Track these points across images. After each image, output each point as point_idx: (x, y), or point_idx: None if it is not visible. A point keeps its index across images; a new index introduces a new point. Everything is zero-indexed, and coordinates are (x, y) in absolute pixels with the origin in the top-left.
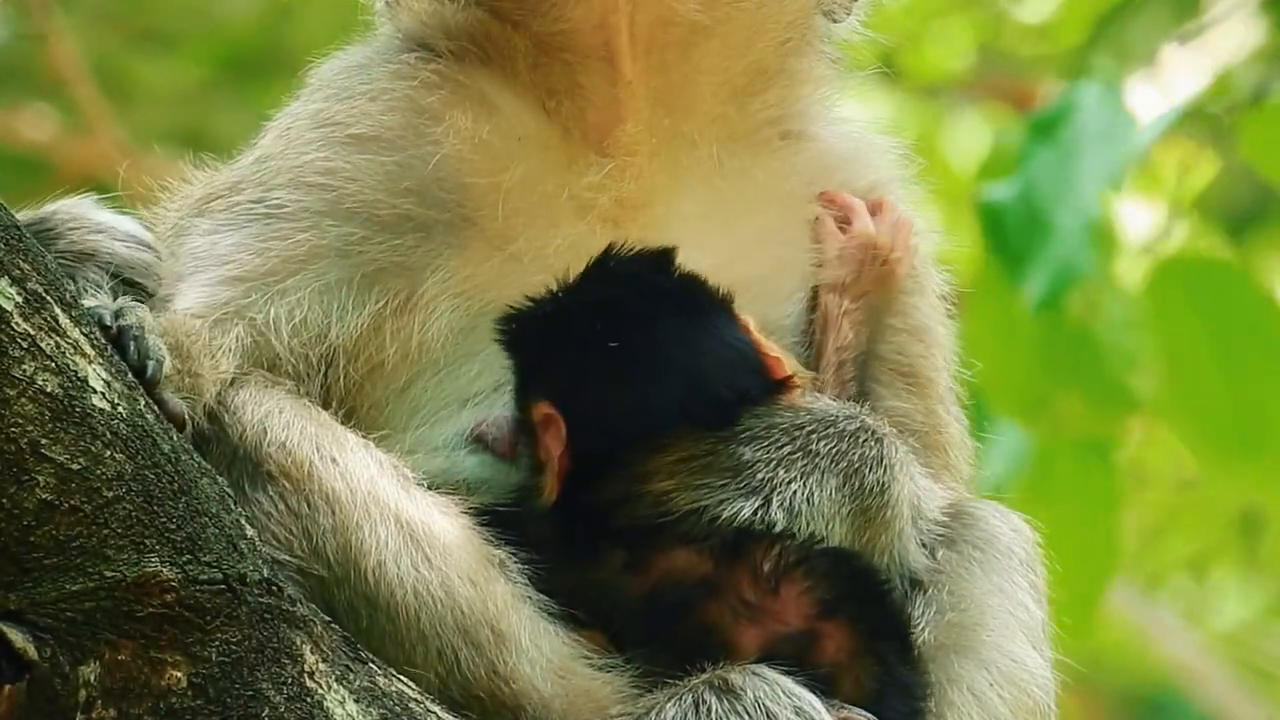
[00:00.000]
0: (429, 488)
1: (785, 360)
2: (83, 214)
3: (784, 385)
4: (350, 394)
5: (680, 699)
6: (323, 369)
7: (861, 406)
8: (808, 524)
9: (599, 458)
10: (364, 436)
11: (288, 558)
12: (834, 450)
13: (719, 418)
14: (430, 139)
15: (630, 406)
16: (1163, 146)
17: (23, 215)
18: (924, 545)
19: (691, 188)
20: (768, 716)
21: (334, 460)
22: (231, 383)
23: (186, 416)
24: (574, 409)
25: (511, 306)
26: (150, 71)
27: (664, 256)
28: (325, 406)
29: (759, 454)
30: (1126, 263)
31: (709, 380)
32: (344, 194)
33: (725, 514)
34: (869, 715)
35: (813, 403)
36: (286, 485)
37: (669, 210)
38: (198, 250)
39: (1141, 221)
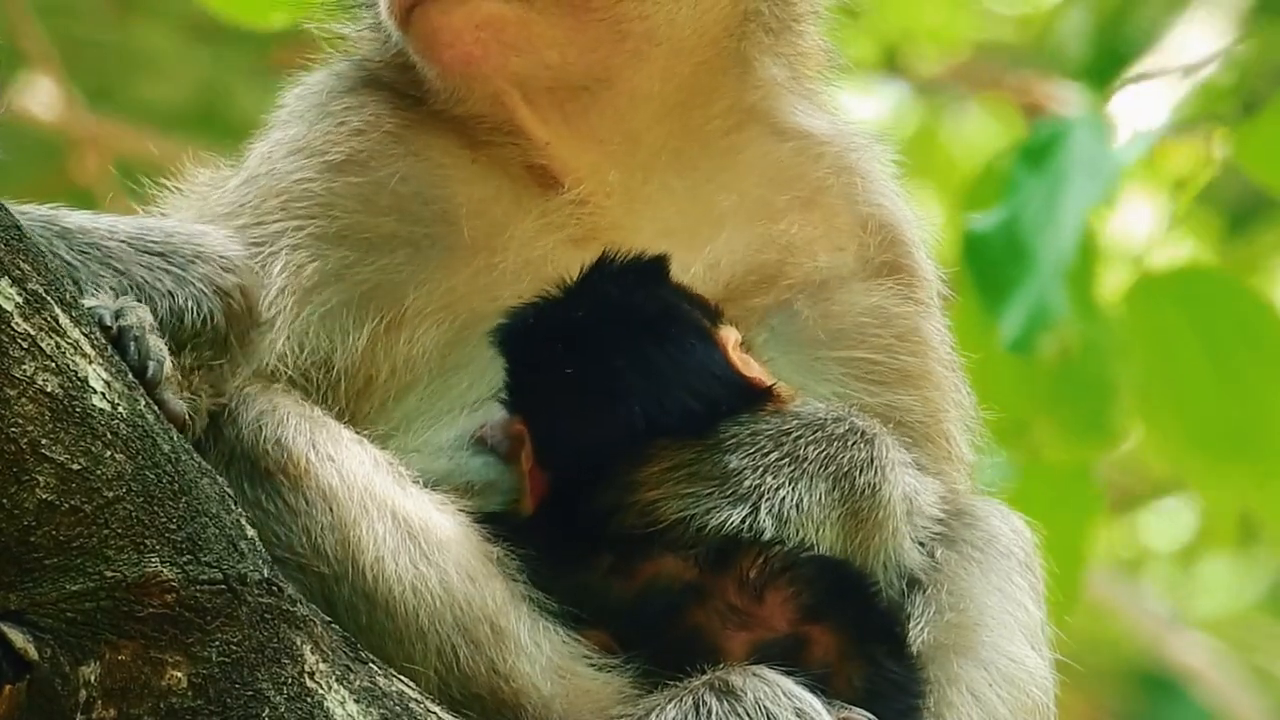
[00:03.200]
0: (432, 488)
1: (764, 373)
2: (232, 252)
3: (763, 396)
4: (348, 404)
5: (681, 700)
6: (324, 387)
7: (852, 406)
8: (797, 530)
9: (571, 476)
10: (360, 434)
11: (288, 555)
12: (822, 454)
13: (690, 425)
14: (397, 156)
15: (588, 433)
16: (1162, 144)
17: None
18: (921, 544)
19: (653, 214)
20: (768, 718)
21: (330, 457)
22: None
23: (187, 417)
24: (539, 430)
25: (504, 313)
26: (160, 49)
27: (655, 266)
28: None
29: (745, 461)
30: (1115, 276)
31: (672, 394)
32: (332, 218)
33: (713, 522)
34: (870, 715)
35: (800, 407)
36: (284, 482)
37: (635, 234)
38: None
39: (1134, 228)
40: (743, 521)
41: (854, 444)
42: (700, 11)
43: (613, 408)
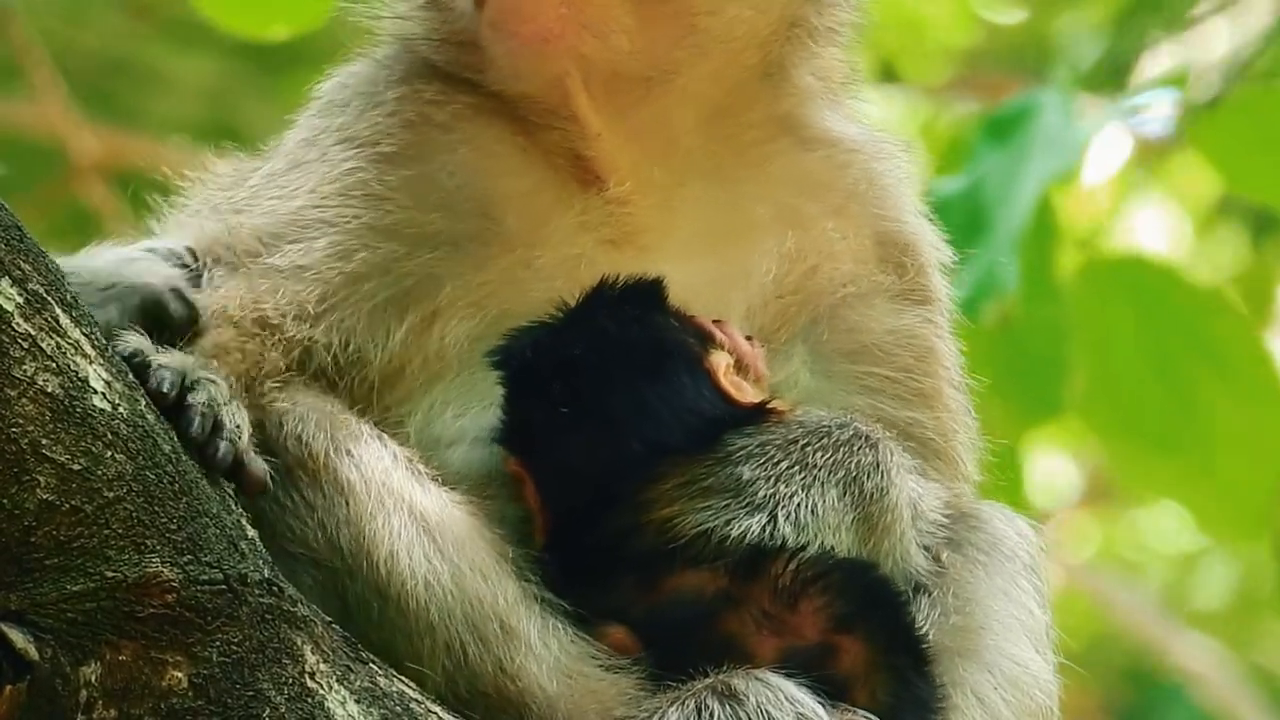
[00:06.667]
0: (463, 480)
1: (757, 392)
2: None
3: (759, 416)
4: (375, 391)
5: (683, 703)
6: (355, 379)
7: (862, 416)
8: (815, 535)
9: (579, 506)
10: (380, 429)
11: (302, 551)
12: (830, 460)
13: (691, 441)
14: (445, 148)
15: (589, 469)
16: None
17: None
18: (926, 547)
19: (689, 219)
20: None
21: (349, 452)
22: None
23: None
24: (539, 471)
25: (503, 336)
26: (176, 63)
27: (653, 292)
28: (343, 399)
29: (757, 471)
30: (1067, 258)
31: (667, 432)
32: (384, 212)
33: (734, 533)
34: (872, 717)
35: (803, 415)
36: (302, 477)
37: (669, 239)
38: (257, 260)
39: (1087, 215)
40: (762, 530)
41: (859, 449)
42: (758, 12)
43: (613, 446)
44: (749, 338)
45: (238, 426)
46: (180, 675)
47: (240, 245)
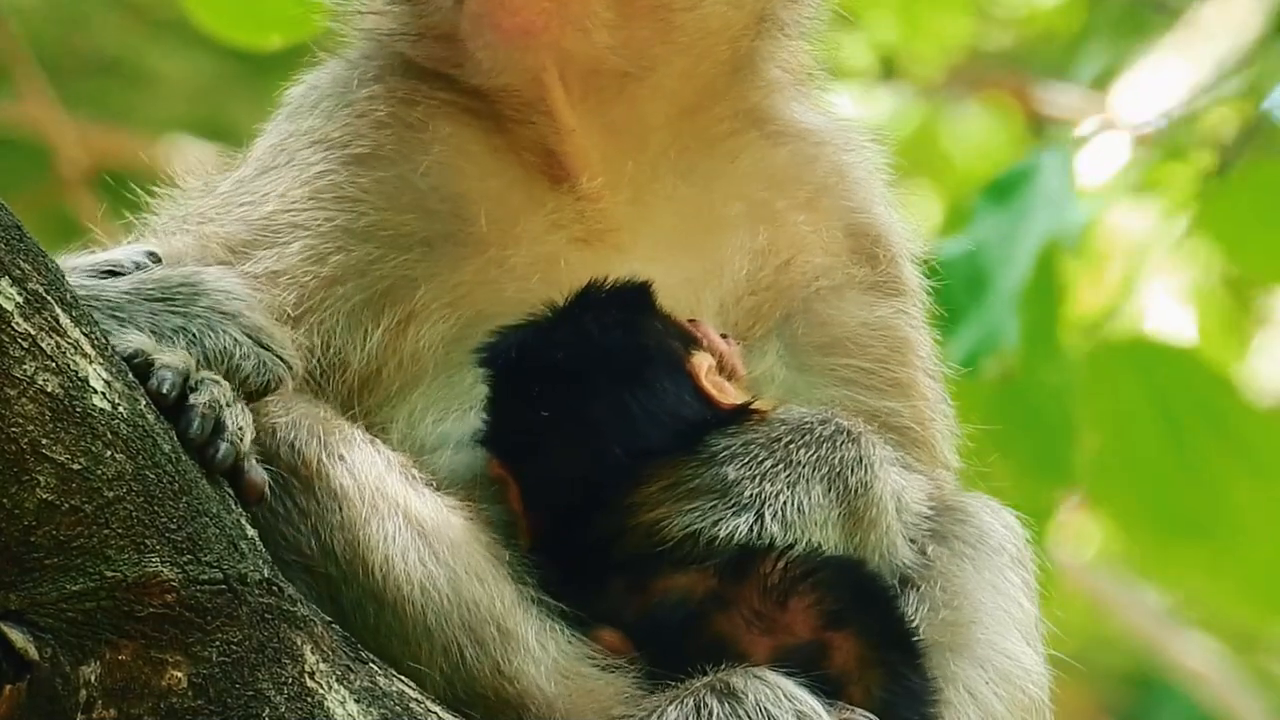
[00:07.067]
0: (448, 485)
1: (739, 394)
2: (230, 283)
3: (741, 416)
4: (352, 397)
5: (682, 702)
6: (335, 382)
7: (836, 408)
8: (802, 532)
9: (563, 510)
10: (370, 434)
11: (296, 558)
12: (814, 457)
13: (673, 444)
14: (418, 148)
15: (571, 473)
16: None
17: (162, 271)
18: (912, 540)
19: (660, 215)
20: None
21: (341, 457)
22: None
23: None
24: (522, 473)
25: (491, 334)
26: (167, 63)
27: (639, 295)
28: (332, 404)
29: (743, 471)
30: (1076, 333)
31: (646, 438)
32: (357, 214)
33: (722, 533)
34: (872, 717)
35: (785, 413)
36: (295, 483)
37: (640, 236)
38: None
39: (1099, 286)
40: (750, 529)
41: (842, 444)
42: (733, 8)
43: (594, 450)
44: (724, 335)
45: (241, 429)
46: (180, 675)
47: (212, 256)
